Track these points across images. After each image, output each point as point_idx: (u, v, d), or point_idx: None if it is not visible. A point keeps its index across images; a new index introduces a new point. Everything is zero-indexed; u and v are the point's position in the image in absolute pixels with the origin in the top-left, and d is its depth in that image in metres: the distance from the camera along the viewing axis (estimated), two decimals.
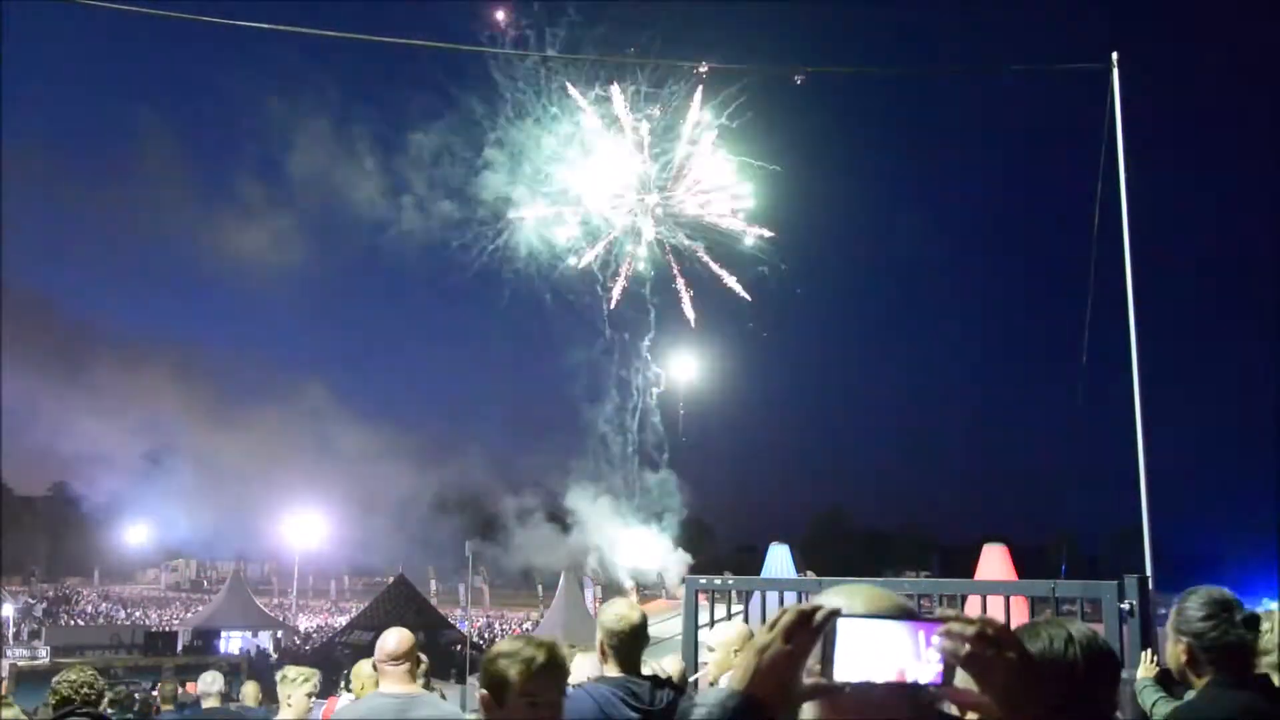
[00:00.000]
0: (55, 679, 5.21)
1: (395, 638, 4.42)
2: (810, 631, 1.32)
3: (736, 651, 4.53)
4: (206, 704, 8.21)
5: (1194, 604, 2.94)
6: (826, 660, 1.31)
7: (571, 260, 36.85)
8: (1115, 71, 11.53)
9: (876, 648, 1.31)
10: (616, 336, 39.53)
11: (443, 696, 6.30)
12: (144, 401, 46.77)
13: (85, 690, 5.03)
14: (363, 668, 6.14)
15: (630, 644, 3.73)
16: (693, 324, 38.75)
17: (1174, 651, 2.95)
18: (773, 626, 1.34)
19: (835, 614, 1.32)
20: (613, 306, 38.49)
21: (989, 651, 1.26)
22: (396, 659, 4.36)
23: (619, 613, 3.76)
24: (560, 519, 38.64)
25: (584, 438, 39.50)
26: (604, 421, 39.35)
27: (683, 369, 39.72)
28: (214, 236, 51.39)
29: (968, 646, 1.26)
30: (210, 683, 8.24)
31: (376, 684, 6.50)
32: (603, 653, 3.74)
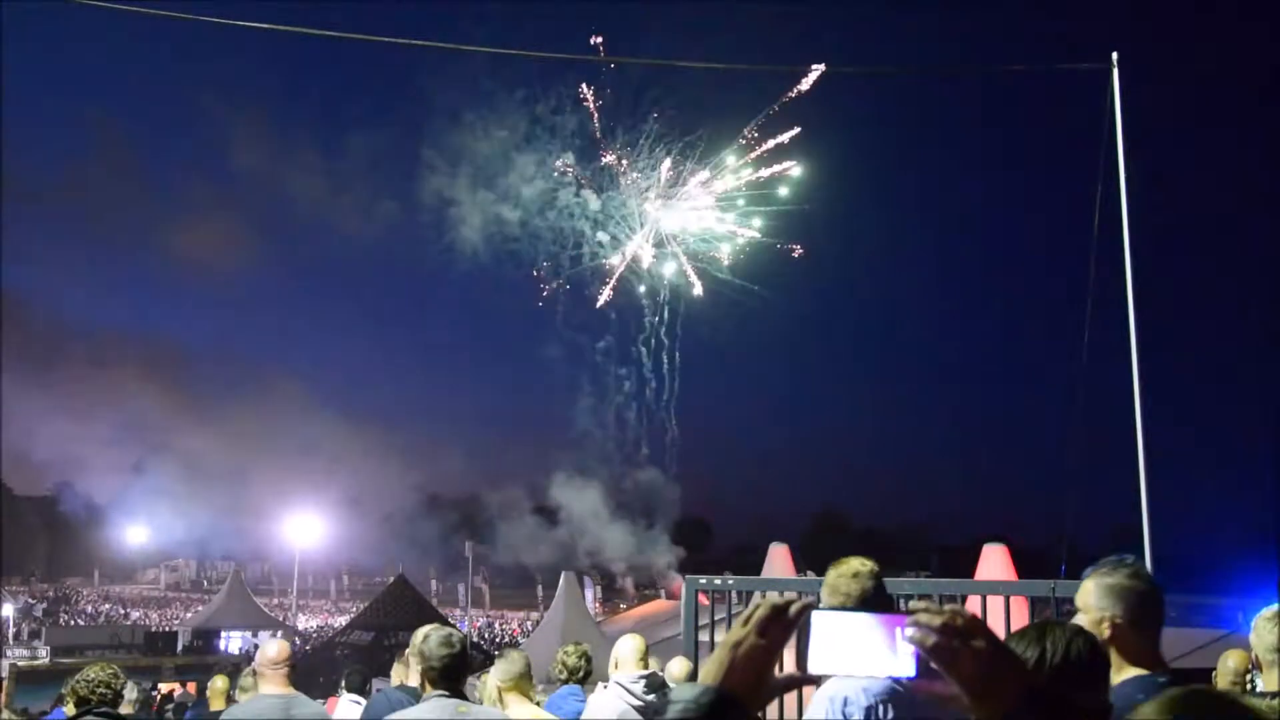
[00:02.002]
0: (75, 678, 5.14)
1: (276, 646, 5.07)
2: (785, 625, 1.32)
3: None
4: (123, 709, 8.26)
5: None
6: (801, 653, 1.31)
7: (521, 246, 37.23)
8: (1115, 71, 11.53)
9: (851, 641, 1.31)
10: (576, 337, 39.76)
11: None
12: (126, 403, 46.63)
13: (101, 690, 4.96)
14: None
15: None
16: (650, 324, 38.93)
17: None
18: (747, 621, 1.33)
19: (809, 607, 1.32)
20: (561, 310, 38.82)
21: (955, 642, 1.24)
22: (277, 664, 4.93)
23: (425, 633, 4.30)
24: (548, 512, 38.71)
25: (565, 433, 39.68)
26: (584, 418, 39.51)
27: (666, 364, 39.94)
28: (188, 236, 51.14)
29: (934, 637, 1.25)
30: (128, 691, 8.36)
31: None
32: (406, 664, 4.44)
